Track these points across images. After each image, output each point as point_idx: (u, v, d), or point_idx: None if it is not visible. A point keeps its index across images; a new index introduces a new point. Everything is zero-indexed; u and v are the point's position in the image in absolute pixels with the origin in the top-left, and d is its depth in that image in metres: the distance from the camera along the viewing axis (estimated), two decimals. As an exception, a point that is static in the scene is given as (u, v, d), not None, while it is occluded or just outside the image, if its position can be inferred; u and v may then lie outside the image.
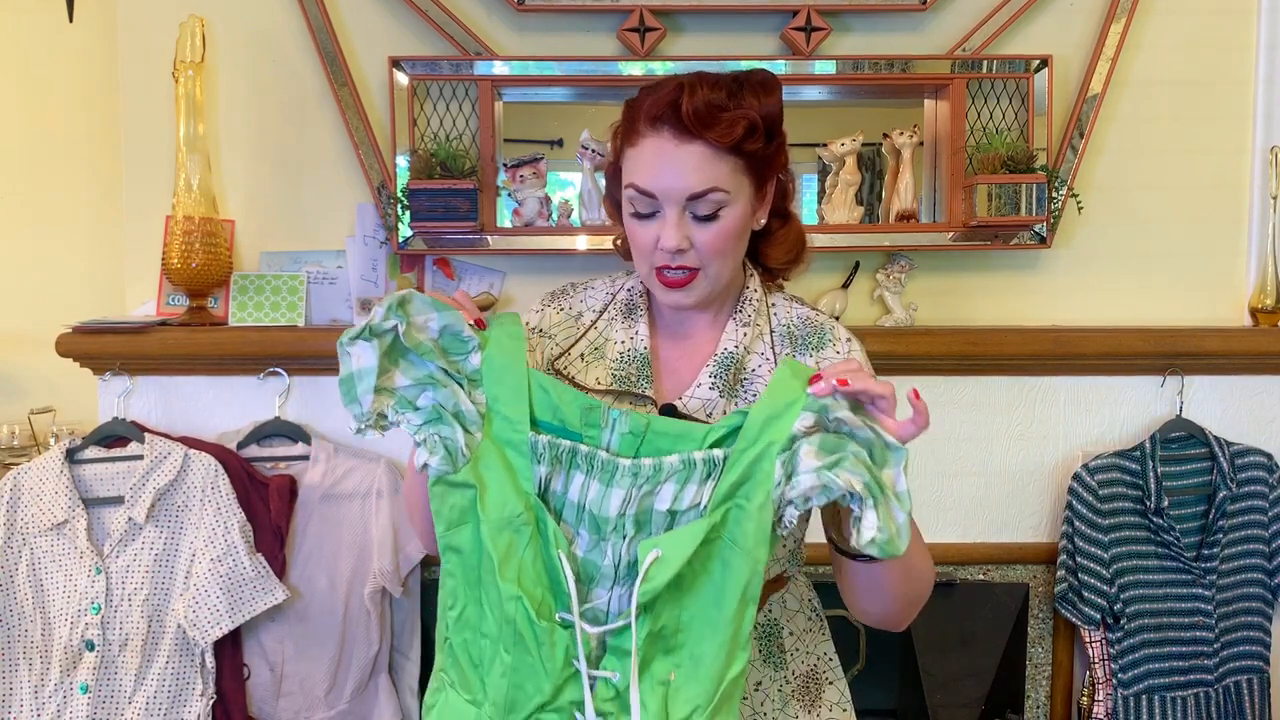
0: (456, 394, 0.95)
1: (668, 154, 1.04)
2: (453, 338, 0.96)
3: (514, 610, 0.91)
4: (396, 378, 0.95)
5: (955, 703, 2.10)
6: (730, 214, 1.06)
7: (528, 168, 2.03)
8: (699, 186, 1.04)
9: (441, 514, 0.96)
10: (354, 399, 0.93)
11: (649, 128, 1.05)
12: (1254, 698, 2.03)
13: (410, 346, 0.94)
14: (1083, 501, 1.98)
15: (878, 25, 2.12)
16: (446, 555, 0.97)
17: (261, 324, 2.03)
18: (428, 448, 0.93)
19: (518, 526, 0.93)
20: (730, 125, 1.02)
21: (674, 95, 1.03)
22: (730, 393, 1.12)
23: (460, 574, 0.96)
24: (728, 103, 1.03)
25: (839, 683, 1.22)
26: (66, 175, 2.29)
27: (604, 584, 0.95)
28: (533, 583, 0.92)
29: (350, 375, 0.93)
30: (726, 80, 1.06)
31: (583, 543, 0.95)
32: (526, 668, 0.92)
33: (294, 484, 1.92)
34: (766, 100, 1.06)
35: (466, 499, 0.95)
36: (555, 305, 1.23)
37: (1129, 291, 2.16)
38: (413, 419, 0.94)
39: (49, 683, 1.78)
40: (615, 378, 1.14)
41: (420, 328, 0.94)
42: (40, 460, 1.86)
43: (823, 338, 1.16)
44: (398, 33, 2.09)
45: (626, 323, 1.18)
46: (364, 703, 1.93)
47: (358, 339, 0.93)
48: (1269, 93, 2.13)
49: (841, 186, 2.06)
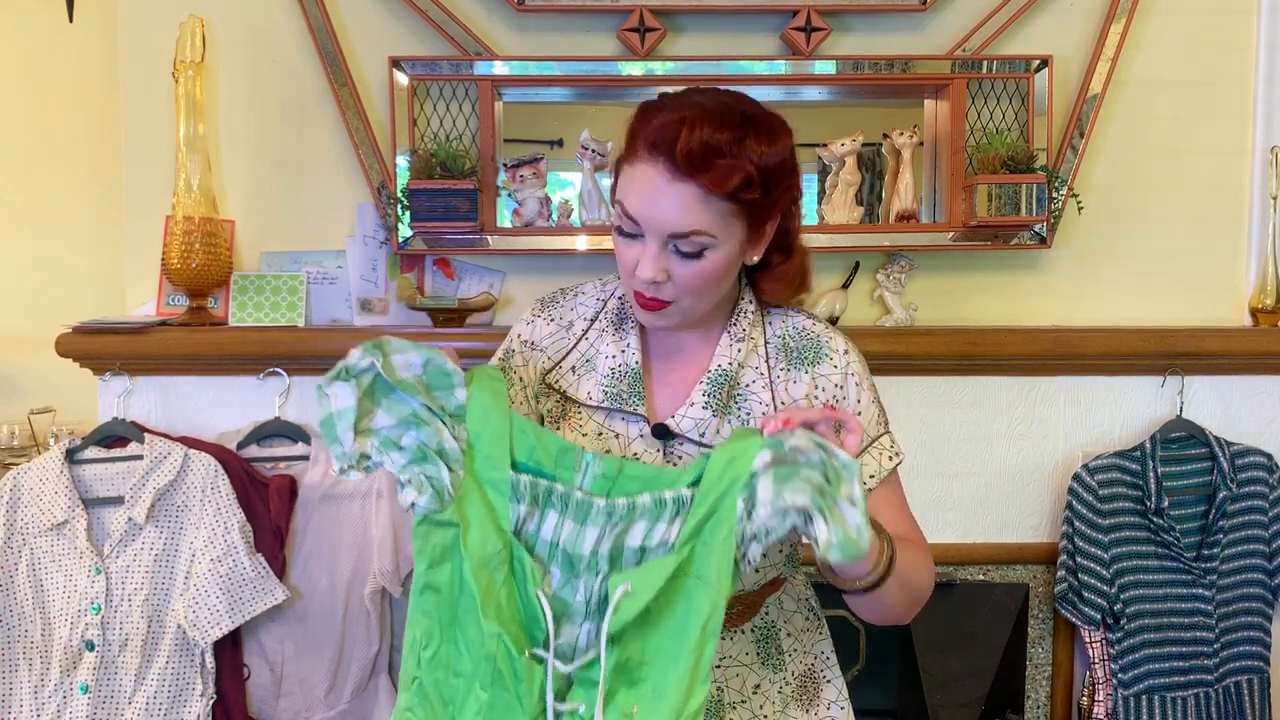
0: (440, 431, 0.95)
1: (658, 187, 1.00)
2: (437, 371, 0.96)
3: (495, 647, 0.92)
4: (379, 417, 0.95)
5: (955, 703, 2.10)
6: (714, 255, 1.03)
7: (528, 168, 2.03)
8: (682, 228, 1.00)
9: (424, 553, 0.96)
10: (334, 439, 0.93)
11: (646, 153, 1.01)
12: (1254, 698, 2.03)
13: (393, 383, 0.94)
14: (1083, 502, 1.98)
15: (878, 25, 2.12)
16: (424, 594, 0.96)
17: (261, 324, 2.03)
18: (414, 486, 0.94)
19: (496, 565, 0.94)
20: (724, 174, 0.98)
21: (675, 128, 0.98)
22: (723, 410, 1.10)
23: (437, 613, 0.96)
24: (728, 147, 0.98)
25: (836, 681, 1.22)
26: (66, 175, 2.29)
27: (574, 619, 0.96)
28: (509, 620, 0.93)
29: (329, 416, 0.93)
30: (734, 119, 1.00)
31: (555, 580, 0.96)
32: (504, 705, 0.92)
33: (294, 484, 1.92)
34: (770, 149, 1.01)
35: (449, 537, 0.95)
36: (545, 315, 1.21)
37: (1129, 291, 2.16)
38: (397, 458, 0.95)
39: (49, 683, 1.78)
40: (607, 394, 1.13)
41: (402, 365, 0.95)
42: (40, 460, 1.86)
43: (819, 351, 1.14)
44: (398, 33, 2.09)
45: (617, 335, 1.16)
46: (364, 703, 1.93)
47: (335, 380, 0.93)
48: (1269, 93, 2.13)
49: (841, 186, 2.06)
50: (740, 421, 1.11)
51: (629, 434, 1.12)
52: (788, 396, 1.12)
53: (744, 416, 1.11)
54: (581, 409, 1.14)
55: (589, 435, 1.12)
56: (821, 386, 1.12)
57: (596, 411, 1.13)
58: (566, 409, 1.15)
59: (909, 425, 2.05)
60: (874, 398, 1.15)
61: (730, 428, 1.10)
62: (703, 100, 1.03)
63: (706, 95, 1.05)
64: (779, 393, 1.12)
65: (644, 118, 1.04)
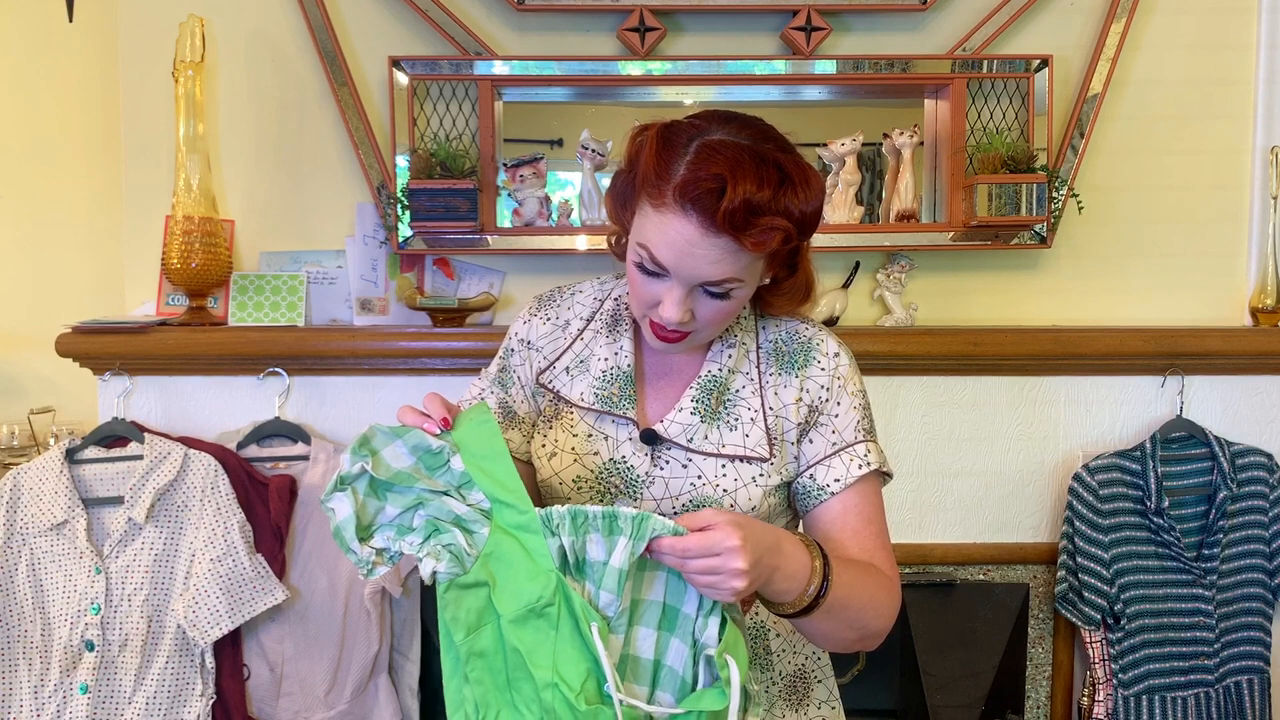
0: (447, 503, 0.95)
1: (692, 241, 0.97)
2: (425, 454, 0.95)
3: (552, 698, 0.90)
4: (387, 511, 0.96)
5: (955, 703, 2.10)
6: (740, 293, 1.03)
7: (528, 167, 2.03)
8: (716, 277, 0.99)
9: (459, 620, 0.94)
10: (347, 548, 0.94)
11: (677, 203, 0.96)
12: (1254, 698, 2.03)
13: (390, 480, 0.94)
14: (1083, 501, 1.98)
15: (878, 25, 2.12)
16: (470, 663, 0.94)
17: (261, 324, 2.03)
18: (433, 556, 0.93)
19: (542, 610, 0.91)
20: (766, 233, 0.96)
21: (715, 185, 0.94)
22: (712, 416, 1.10)
23: (489, 679, 0.94)
24: (769, 204, 0.95)
25: (827, 680, 1.21)
26: (66, 175, 2.29)
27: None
28: (572, 664, 0.91)
29: (337, 528, 0.94)
30: (771, 171, 0.96)
31: (612, 606, 0.94)
32: None
33: (294, 484, 1.92)
34: (807, 202, 0.98)
35: (481, 599, 0.94)
36: (542, 315, 1.20)
37: (1129, 291, 2.16)
38: (413, 540, 0.95)
39: (49, 683, 1.78)
40: (598, 397, 1.13)
41: (392, 457, 0.95)
42: (40, 460, 1.86)
43: (809, 354, 1.13)
44: (398, 33, 2.09)
45: (611, 336, 1.16)
46: (364, 703, 1.93)
47: (334, 492, 0.94)
48: (1269, 93, 2.13)
49: (842, 186, 2.06)
50: (728, 427, 1.10)
51: (618, 437, 1.12)
52: (776, 401, 1.12)
53: (731, 422, 1.10)
54: (574, 409, 1.14)
55: (579, 436, 1.12)
56: (808, 390, 1.12)
57: (588, 413, 1.13)
58: (559, 409, 1.15)
59: (909, 425, 2.05)
60: (858, 404, 1.13)
61: (719, 433, 1.10)
62: (734, 145, 0.97)
63: (731, 130, 1.00)
64: (768, 397, 1.12)
65: (665, 156, 0.99)
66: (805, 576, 0.96)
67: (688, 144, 0.99)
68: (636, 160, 1.03)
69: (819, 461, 1.10)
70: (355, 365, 2.00)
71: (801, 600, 0.97)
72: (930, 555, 2.06)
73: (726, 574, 0.89)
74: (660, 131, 1.02)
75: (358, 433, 0.96)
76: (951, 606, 2.08)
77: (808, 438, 1.12)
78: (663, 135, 1.01)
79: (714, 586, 0.91)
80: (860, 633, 1.05)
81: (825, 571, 0.97)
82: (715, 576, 0.90)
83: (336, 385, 2.02)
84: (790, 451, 1.12)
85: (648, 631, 0.95)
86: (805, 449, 1.12)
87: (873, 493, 1.11)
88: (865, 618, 1.03)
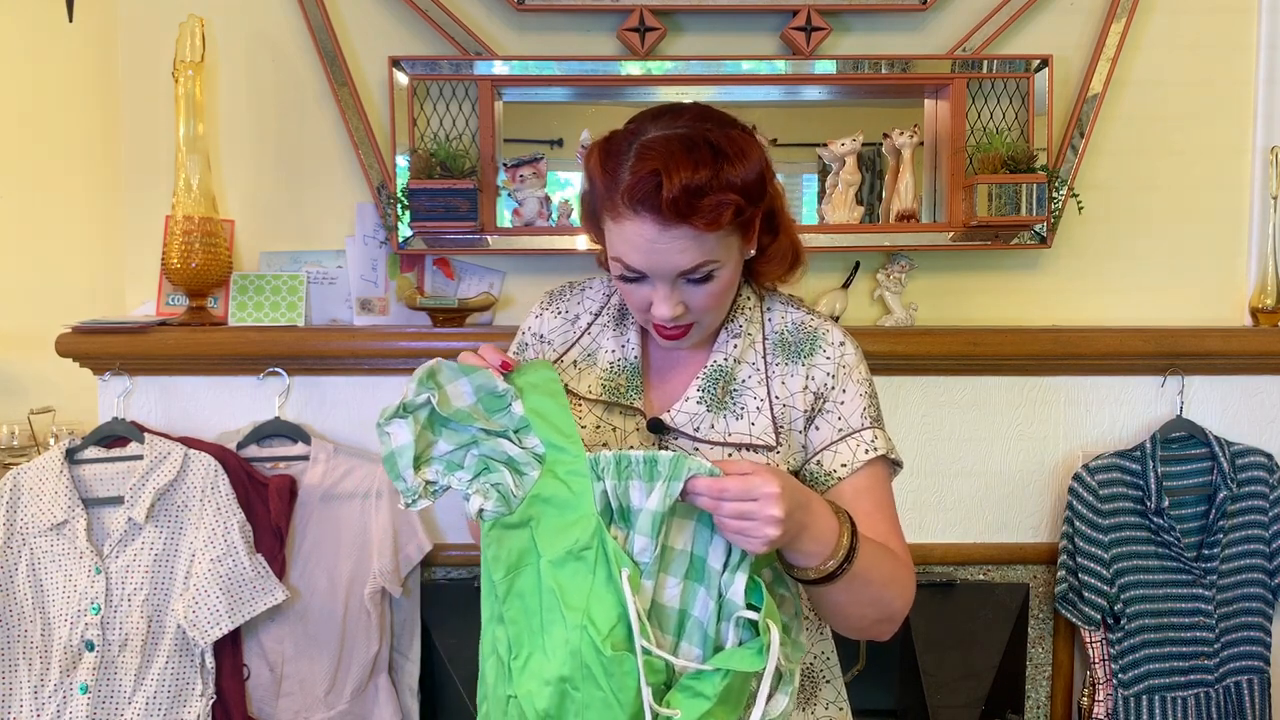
0: (501, 444, 0.96)
1: (652, 240, 1.00)
2: (489, 395, 0.96)
3: (579, 640, 0.90)
4: (439, 446, 0.96)
5: (955, 703, 2.10)
6: (723, 273, 1.05)
7: (527, 167, 2.03)
8: (689, 264, 1.02)
9: (500, 559, 0.95)
10: (397, 475, 0.95)
11: (629, 209, 0.99)
12: (1254, 698, 2.03)
13: (449, 416, 0.95)
14: (1083, 502, 1.98)
15: (878, 25, 2.12)
16: (509, 602, 0.95)
17: (261, 324, 2.03)
18: (480, 494, 0.94)
19: (579, 553, 0.92)
20: (714, 212, 0.98)
21: (652, 180, 0.97)
22: (719, 405, 1.11)
23: (523, 620, 0.95)
24: (708, 183, 0.97)
25: (836, 681, 1.21)
26: (66, 175, 2.29)
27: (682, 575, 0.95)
28: (604, 609, 0.91)
29: (391, 454, 0.95)
30: (704, 154, 0.98)
31: (647, 551, 0.93)
32: (598, 703, 0.90)
33: (294, 484, 1.92)
34: (746, 169, 1.00)
35: (524, 540, 0.95)
36: (553, 309, 1.23)
37: (1129, 291, 2.16)
38: (462, 476, 0.96)
39: (49, 683, 1.78)
40: (605, 388, 1.14)
41: (456, 395, 0.95)
42: (40, 460, 1.86)
43: (815, 343, 1.15)
44: (398, 33, 2.09)
45: (618, 330, 1.18)
46: (364, 703, 1.93)
47: (394, 418, 0.94)
48: (1269, 93, 2.13)
49: (842, 186, 2.06)
50: (735, 416, 1.11)
51: (626, 427, 1.13)
52: (783, 390, 1.13)
53: (738, 411, 1.11)
54: (581, 402, 1.15)
55: (588, 428, 1.13)
56: (814, 377, 1.13)
57: (595, 405, 1.14)
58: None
59: (909, 425, 2.05)
60: (865, 391, 1.14)
61: (725, 423, 1.11)
62: (664, 136, 1.00)
63: (664, 124, 1.03)
64: (774, 387, 1.13)
65: (609, 167, 1.02)
66: (832, 541, 0.96)
67: (627, 150, 1.02)
68: (592, 179, 1.07)
69: (826, 447, 1.11)
70: (355, 365, 2.00)
71: (825, 566, 0.97)
72: (930, 555, 2.06)
73: (760, 520, 0.89)
74: (601, 145, 1.05)
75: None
76: (951, 607, 2.08)
77: (814, 425, 1.13)
78: (604, 149, 1.05)
79: (745, 534, 0.90)
80: (881, 611, 1.05)
81: (853, 540, 0.98)
82: (748, 523, 0.89)
83: (336, 385, 2.02)
84: (797, 440, 1.12)
85: (675, 581, 0.95)
86: (812, 436, 1.13)
87: (882, 479, 1.12)
88: (888, 594, 1.04)
